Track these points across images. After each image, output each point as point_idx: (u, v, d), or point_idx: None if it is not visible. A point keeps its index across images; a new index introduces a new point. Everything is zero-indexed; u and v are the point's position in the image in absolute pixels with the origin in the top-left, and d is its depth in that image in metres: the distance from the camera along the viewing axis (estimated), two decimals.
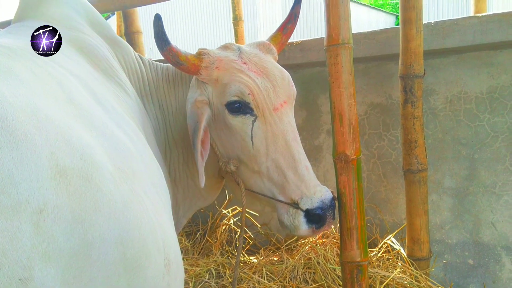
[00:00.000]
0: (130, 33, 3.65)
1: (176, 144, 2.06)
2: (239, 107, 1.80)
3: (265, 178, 1.84)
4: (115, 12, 4.48)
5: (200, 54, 1.86)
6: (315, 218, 1.74)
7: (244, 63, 1.86)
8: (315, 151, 3.12)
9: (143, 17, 4.33)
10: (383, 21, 26.20)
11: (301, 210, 1.75)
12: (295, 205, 1.77)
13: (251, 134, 1.81)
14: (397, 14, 28.40)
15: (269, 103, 1.81)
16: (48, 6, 1.70)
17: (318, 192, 1.75)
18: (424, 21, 2.36)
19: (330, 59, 1.87)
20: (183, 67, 1.84)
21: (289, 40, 3.04)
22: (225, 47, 1.96)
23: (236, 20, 4.33)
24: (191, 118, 1.81)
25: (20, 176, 0.84)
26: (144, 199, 1.26)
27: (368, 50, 2.73)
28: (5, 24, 2.26)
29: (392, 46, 2.64)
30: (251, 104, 1.79)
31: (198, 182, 1.99)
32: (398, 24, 2.29)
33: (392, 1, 35.10)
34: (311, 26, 20.89)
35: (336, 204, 1.82)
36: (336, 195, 1.86)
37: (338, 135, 1.86)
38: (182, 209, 2.18)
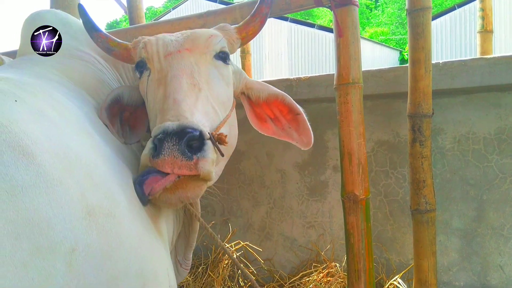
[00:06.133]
0: None
1: None
2: (142, 68, 1.67)
3: None
4: None
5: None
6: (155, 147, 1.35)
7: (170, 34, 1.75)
8: (320, 186, 3.09)
9: None
10: (388, 56, 26.52)
11: (151, 138, 1.39)
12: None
13: (146, 90, 1.65)
14: (401, 49, 28.79)
15: (162, 51, 1.62)
16: None
17: (173, 120, 1.37)
18: (432, 61, 2.37)
19: (339, 98, 1.87)
20: (115, 53, 1.76)
21: (298, 76, 3.07)
22: None
23: (244, 54, 4.39)
24: None
25: (56, 219, 0.92)
26: (152, 229, 1.31)
27: (376, 88, 2.74)
28: (12, 54, 2.31)
29: (400, 85, 2.65)
30: (144, 58, 1.65)
31: None
32: (401, 59, 2.29)
33: (396, 37, 35.66)
34: (319, 63, 21.15)
35: (210, 146, 1.37)
36: (216, 135, 1.42)
37: (347, 174, 1.84)
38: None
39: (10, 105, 1.08)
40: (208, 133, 1.39)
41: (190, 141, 1.32)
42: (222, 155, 1.43)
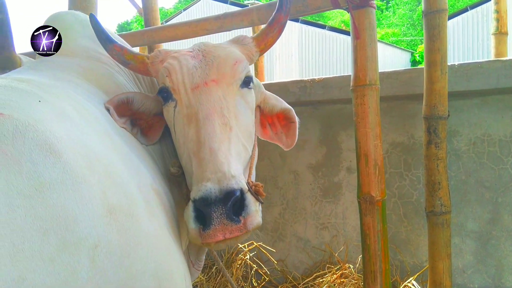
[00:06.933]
0: None
1: None
2: (166, 95, 1.64)
3: (186, 173, 1.58)
4: None
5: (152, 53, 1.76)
6: (201, 214, 1.34)
7: (190, 51, 1.70)
8: (334, 188, 3.10)
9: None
10: (399, 57, 26.37)
11: (191, 201, 1.37)
12: (189, 196, 1.40)
13: (174, 122, 1.62)
14: (412, 51, 28.58)
15: (188, 82, 1.58)
16: (66, 40, 1.79)
17: (213, 180, 1.34)
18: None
19: (356, 99, 1.88)
20: (131, 66, 1.74)
21: (310, 77, 3.08)
22: None
23: None
24: None
25: (81, 215, 0.94)
26: (170, 232, 1.32)
27: (390, 90, 2.75)
28: (32, 55, 2.34)
29: (415, 86, 2.65)
30: (169, 87, 1.62)
31: None
32: (413, 61, 2.28)
33: (407, 38, 35.45)
34: (330, 64, 21.10)
35: (251, 199, 1.40)
36: (253, 186, 1.46)
37: (363, 175, 1.85)
38: None
39: (35, 105, 1.11)
40: (247, 183, 1.42)
41: (234, 203, 1.34)
42: (261, 202, 1.46)
